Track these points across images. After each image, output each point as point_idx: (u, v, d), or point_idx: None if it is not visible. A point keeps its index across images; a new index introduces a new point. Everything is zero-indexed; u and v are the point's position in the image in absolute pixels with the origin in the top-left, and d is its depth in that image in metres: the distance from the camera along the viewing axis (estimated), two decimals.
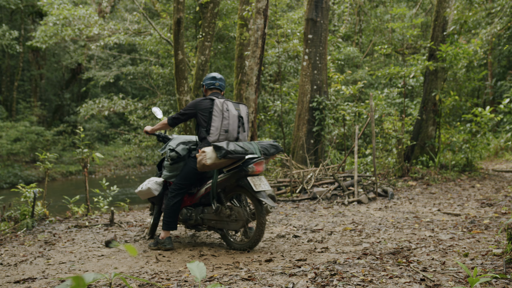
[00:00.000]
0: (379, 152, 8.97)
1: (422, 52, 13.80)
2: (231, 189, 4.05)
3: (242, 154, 3.85)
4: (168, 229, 4.15)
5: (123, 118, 21.18)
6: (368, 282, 2.73)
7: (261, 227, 3.80)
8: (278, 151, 4.25)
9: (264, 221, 3.80)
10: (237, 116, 4.11)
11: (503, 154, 11.76)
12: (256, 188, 3.79)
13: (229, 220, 3.95)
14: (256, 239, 3.83)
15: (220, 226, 4.04)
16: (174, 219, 4.16)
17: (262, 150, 4.07)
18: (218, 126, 4.01)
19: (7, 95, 22.01)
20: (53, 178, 17.49)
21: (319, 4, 9.24)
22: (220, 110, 4.02)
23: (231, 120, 4.06)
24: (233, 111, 4.09)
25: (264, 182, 3.92)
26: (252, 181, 3.83)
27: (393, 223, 4.81)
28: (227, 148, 3.77)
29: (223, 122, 4.02)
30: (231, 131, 4.08)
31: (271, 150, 4.18)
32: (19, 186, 5.65)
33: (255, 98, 8.57)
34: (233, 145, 3.87)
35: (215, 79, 4.30)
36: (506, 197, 6.05)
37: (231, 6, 14.71)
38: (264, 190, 3.85)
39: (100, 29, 14.20)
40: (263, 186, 3.87)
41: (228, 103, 4.09)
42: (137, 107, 16.37)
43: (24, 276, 3.43)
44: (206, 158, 3.84)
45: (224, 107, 4.04)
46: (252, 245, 3.87)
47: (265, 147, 4.14)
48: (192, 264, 1.72)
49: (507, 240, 3.07)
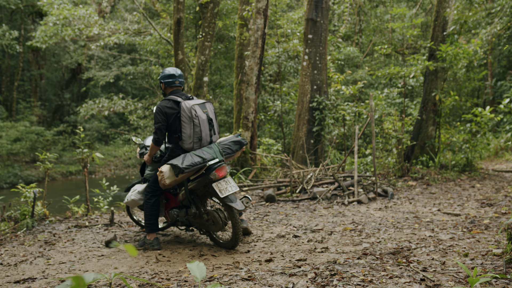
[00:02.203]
0: (379, 152, 8.97)
1: (422, 52, 13.80)
2: (203, 194, 4.10)
3: (201, 164, 3.83)
4: (151, 231, 4.17)
5: (123, 118, 21.19)
6: (368, 282, 2.73)
7: (236, 228, 3.84)
8: (242, 146, 4.26)
9: (237, 222, 3.83)
10: (206, 120, 4.01)
11: (503, 154, 11.76)
12: (221, 193, 3.82)
13: (208, 223, 4.03)
14: (234, 239, 3.90)
15: (203, 227, 4.14)
16: (154, 220, 4.18)
17: (224, 151, 4.08)
18: (190, 134, 3.93)
19: (7, 95, 22.01)
20: (53, 178, 17.49)
21: (319, 4, 9.24)
22: (189, 117, 3.90)
23: (202, 126, 3.96)
24: (202, 116, 3.96)
25: (231, 184, 3.92)
26: (217, 187, 3.86)
27: (393, 223, 4.81)
28: (182, 166, 3.73)
29: (194, 130, 3.92)
30: (204, 137, 4.01)
31: (234, 147, 4.19)
32: (19, 186, 5.65)
33: (255, 98, 8.57)
34: (190, 157, 3.82)
35: (174, 77, 4.14)
36: (506, 197, 6.05)
37: (231, 6, 14.71)
38: (231, 193, 3.86)
39: (100, 29, 14.21)
40: (230, 188, 3.87)
41: (195, 107, 3.94)
42: (137, 107, 16.38)
43: (24, 276, 3.43)
44: (165, 178, 3.86)
45: (193, 113, 3.90)
46: (233, 245, 3.95)
47: (227, 146, 4.15)
48: (192, 264, 1.72)
49: (507, 240, 3.07)
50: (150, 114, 16.57)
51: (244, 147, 4.47)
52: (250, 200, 3.98)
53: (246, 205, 3.93)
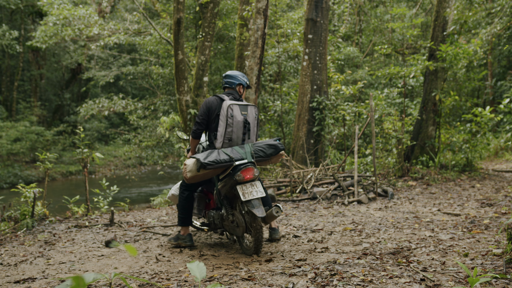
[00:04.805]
0: (379, 152, 8.97)
1: (422, 52, 13.80)
2: (232, 196, 3.93)
3: (227, 162, 3.69)
4: (183, 224, 4.17)
5: (123, 118, 21.20)
6: (368, 282, 2.73)
7: (257, 234, 3.67)
8: (278, 151, 3.99)
9: (258, 229, 3.65)
10: (242, 122, 3.89)
11: (503, 154, 11.76)
12: (244, 197, 3.63)
13: (233, 226, 3.87)
14: (255, 246, 3.71)
15: (230, 230, 4.00)
16: (186, 214, 4.15)
17: (256, 153, 3.88)
18: (222, 133, 3.86)
19: (7, 95, 22.01)
20: (53, 178, 17.49)
21: (319, 4, 9.24)
22: (224, 116, 3.84)
23: (235, 127, 3.86)
24: (238, 117, 3.86)
25: (257, 188, 3.71)
26: (241, 189, 3.67)
27: (393, 223, 4.81)
28: (204, 161, 3.62)
29: (226, 129, 3.85)
30: (235, 139, 3.90)
31: (268, 151, 3.95)
32: (19, 186, 5.65)
33: (255, 98, 8.58)
34: (217, 154, 3.71)
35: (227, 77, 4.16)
36: (506, 197, 6.05)
37: (231, 6, 14.70)
38: (255, 198, 3.65)
39: (100, 29, 14.20)
40: (255, 193, 3.67)
41: (234, 107, 3.86)
42: (137, 107, 16.38)
43: (24, 276, 3.43)
44: (187, 171, 3.76)
45: (229, 112, 3.83)
46: (254, 252, 3.75)
47: (261, 148, 3.93)
48: (192, 264, 1.72)
49: (507, 240, 3.07)
50: (150, 114, 16.57)
51: (283, 153, 4.10)
52: (281, 210, 3.68)
53: (276, 215, 3.65)
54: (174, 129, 11.39)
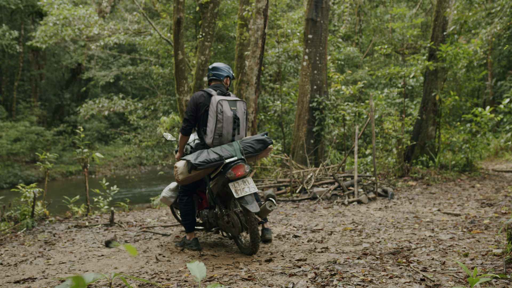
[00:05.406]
0: (379, 152, 8.97)
1: (422, 52, 13.80)
2: (225, 194, 3.92)
3: (217, 161, 3.67)
4: (188, 231, 4.13)
5: (123, 118, 21.20)
6: (368, 282, 2.73)
7: (253, 234, 3.64)
8: (266, 145, 3.97)
9: (254, 227, 3.63)
10: (232, 118, 3.88)
11: (503, 154, 11.76)
12: (237, 194, 3.61)
13: (229, 226, 3.86)
14: (252, 245, 3.69)
15: (226, 230, 3.99)
16: (190, 220, 4.10)
17: (245, 149, 3.85)
18: (212, 129, 3.84)
19: (7, 95, 22.01)
20: (53, 178, 17.49)
21: (319, 4, 9.24)
22: (214, 111, 3.82)
23: (225, 123, 3.85)
24: (227, 112, 3.85)
25: (249, 184, 3.69)
26: (234, 186, 3.64)
27: (393, 223, 4.81)
28: (194, 162, 3.59)
29: (217, 125, 3.82)
30: (225, 135, 3.89)
31: (257, 146, 3.92)
32: (19, 186, 5.65)
33: (255, 98, 8.58)
34: (207, 154, 3.69)
35: (215, 69, 4.12)
36: (506, 197, 6.05)
37: (231, 6, 14.71)
38: (248, 194, 3.64)
39: (100, 29, 14.21)
40: (247, 189, 3.65)
41: (223, 103, 3.84)
42: (137, 107, 16.38)
43: (24, 276, 3.43)
44: (178, 174, 3.75)
45: (219, 108, 3.81)
46: (251, 251, 3.73)
47: (250, 144, 3.91)
48: (192, 264, 1.72)
49: (507, 240, 3.07)
50: (150, 114, 16.58)
51: (271, 147, 4.08)
52: (275, 204, 3.66)
53: (269, 209, 3.61)
54: (174, 129, 11.39)
